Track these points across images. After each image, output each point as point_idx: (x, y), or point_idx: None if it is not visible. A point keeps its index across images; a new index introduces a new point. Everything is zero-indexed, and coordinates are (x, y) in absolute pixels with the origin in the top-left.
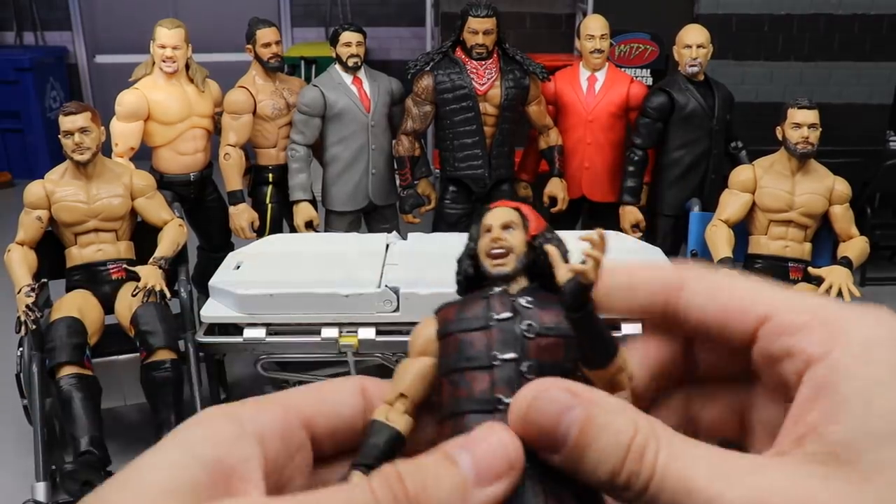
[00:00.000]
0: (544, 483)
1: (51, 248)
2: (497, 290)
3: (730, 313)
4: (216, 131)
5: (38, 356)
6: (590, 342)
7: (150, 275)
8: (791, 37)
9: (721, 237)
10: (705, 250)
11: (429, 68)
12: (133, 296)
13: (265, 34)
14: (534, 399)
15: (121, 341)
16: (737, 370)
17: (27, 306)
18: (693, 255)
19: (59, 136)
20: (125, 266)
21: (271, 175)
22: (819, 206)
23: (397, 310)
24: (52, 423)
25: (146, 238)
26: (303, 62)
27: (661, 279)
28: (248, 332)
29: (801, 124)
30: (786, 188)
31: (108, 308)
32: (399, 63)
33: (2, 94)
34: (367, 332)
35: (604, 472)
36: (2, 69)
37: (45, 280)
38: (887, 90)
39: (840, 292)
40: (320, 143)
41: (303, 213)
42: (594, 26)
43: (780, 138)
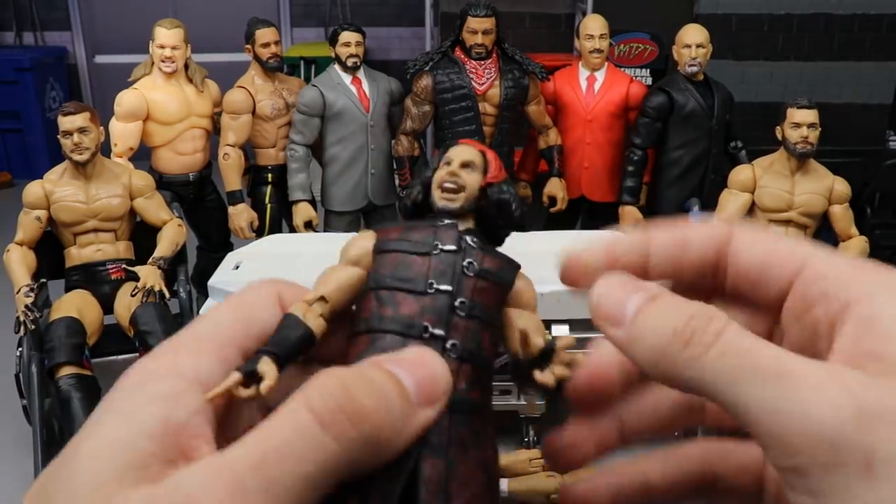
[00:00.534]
0: (451, 416)
1: (50, 248)
2: (447, 222)
3: (771, 260)
4: (215, 131)
5: (38, 356)
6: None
7: (150, 275)
8: (791, 36)
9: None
10: None
11: (428, 68)
12: (132, 296)
13: (264, 34)
14: (604, 283)
15: (120, 341)
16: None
17: (26, 306)
18: None
19: (58, 137)
20: (124, 266)
21: (270, 175)
22: (818, 206)
23: None
24: (52, 423)
25: (145, 238)
26: (302, 62)
27: (711, 232)
28: None
29: (801, 124)
30: (785, 188)
31: (108, 308)
32: (398, 63)
33: (2, 94)
34: None
35: (667, 326)
36: (2, 69)
37: (45, 280)
38: (887, 90)
39: None
40: (319, 143)
41: (302, 213)
42: (593, 26)
43: (779, 138)
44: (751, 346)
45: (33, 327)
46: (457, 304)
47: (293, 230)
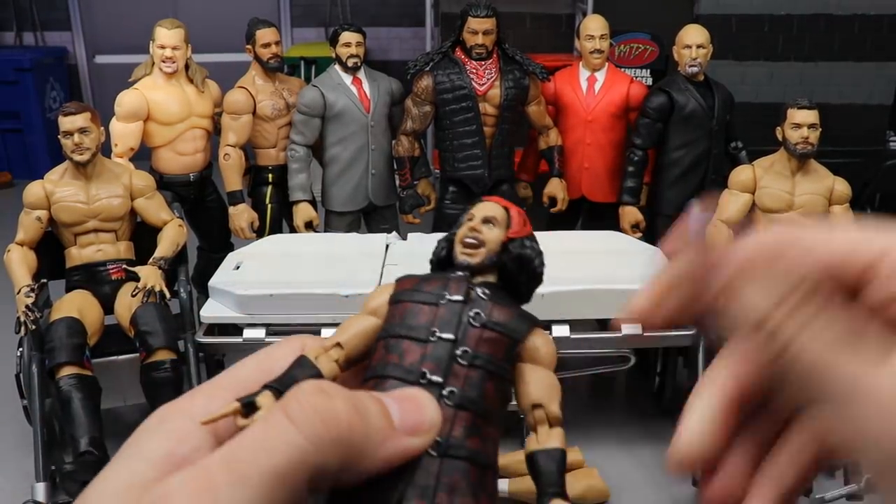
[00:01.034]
0: (443, 461)
1: (50, 249)
2: (459, 274)
3: (855, 248)
4: (216, 132)
5: (38, 356)
6: None
7: (150, 275)
8: (791, 37)
9: (721, 238)
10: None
11: (428, 68)
12: (133, 296)
13: (265, 34)
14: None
15: (120, 341)
16: None
17: (27, 307)
18: None
19: (58, 137)
20: (125, 266)
21: (271, 175)
22: (819, 207)
23: None
24: (52, 423)
25: (146, 238)
26: (302, 62)
27: (866, 251)
28: (248, 333)
29: (801, 124)
30: (786, 188)
31: (108, 308)
32: (399, 63)
33: (2, 94)
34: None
35: (770, 295)
36: (2, 69)
37: (45, 280)
38: (887, 90)
39: None
40: (320, 143)
41: (302, 213)
42: (594, 26)
43: (779, 139)
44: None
45: (34, 327)
46: (458, 352)
47: (294, 230)
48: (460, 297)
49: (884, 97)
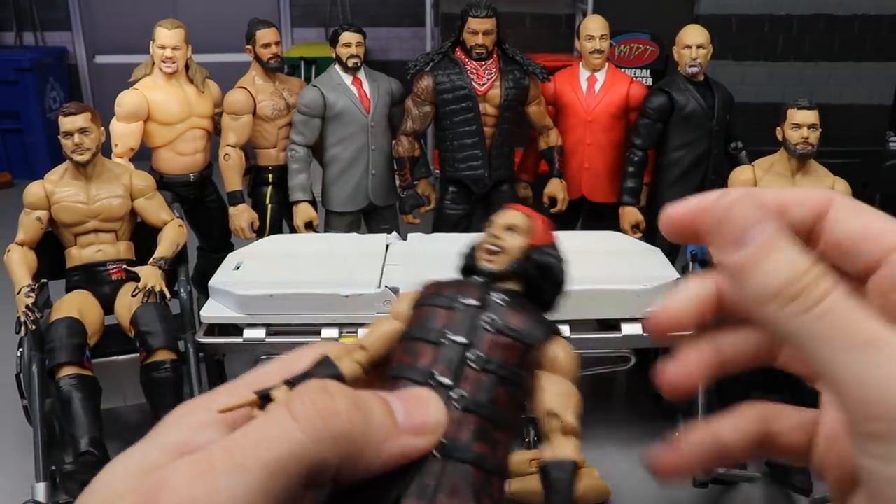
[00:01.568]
0: (446, 463)
1: (51, 249)
2: (478, 279)
3: (868, 235)
4: (216, 132)
5: (38, 357)
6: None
7: (150, 275)
8: (791, 37)
9: None
10: (705, 251)
11: (428, 69)
12: (133, 296)
13: (265, 34)
14: (735, 200)
15: (121, 342)
16: None
17: (27, 307)
18: (693, 256)
19: (58, 137)
20: (125, 266)
21: (271, 175)
22: None
23: None
24: (52, 423)
25: (146, 238)
26: (302, 63)
27: (813, 197)
28: (248, 333)
29: (801, 125)
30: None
31: (108, 308)
32: (399, 63)
33: (2, 94)
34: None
35: (781, 276)
36: (2, 69)
37: (45, 280)
38: (887, 90)
39: None
40: (320, 143)
41: (302, 213)
42: (594, 27)
43: (779, 139)
44: (850, 312)
45: (34, 328)
46: (470, 355)
47: (294, 230)
48: (475, 302)
49: (884, 97)
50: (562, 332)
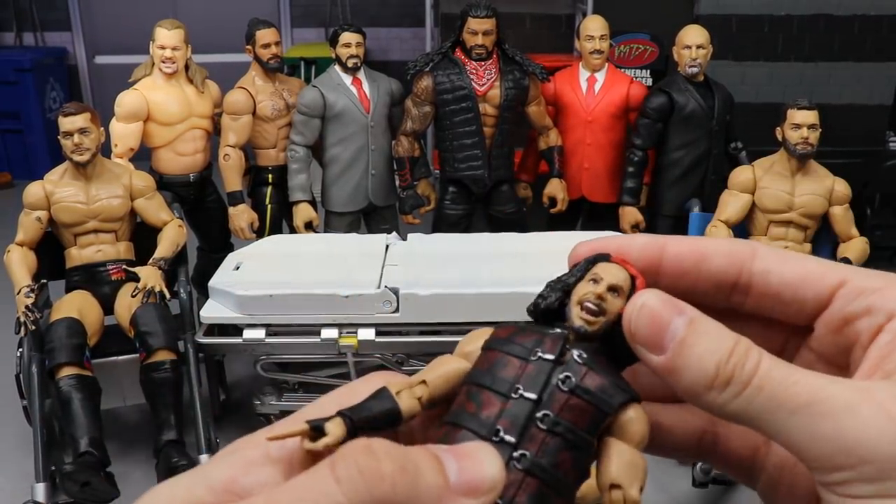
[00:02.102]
0: None
1: (50, 249)
2: (558, 331)
3: (806, 279)
4: (216, 132)
5: (38, 357)
6: None
7: (150, 275)
8: (791, 37)
9: (721, 237)
10: None
11: (428, 69)
12: (133, 296)
13: (265, 35)
14: (643, 305)
15: (120, 342)
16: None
17: (27, 307)
18: None
19: (58, 137)
20: (125, 267)
21: (271, 176)
22: (819, 207)
23: (397, 310)
24: (52, 423)
25: (146, 239)
26: (302, 63)
27: (734, 248)
28: (248, 333)
29: (801, 125)
30: (786, 189)
31: (108, 309)
32: (399, 64)
33: (2, 94)
34: (367, 333)
35: (710, 363)
36: (2, 70)
37: (45, 281)
38: (887, 90)
39: None
40: (320, 143)
41: (302, 213)
42: (594, 27)
43: (779, 139)
44: (783, 378)
45: (34, 328)
46: (539, 415)
47: (293, 231)
48: (553, 357)
49: (884, 97)
50: (639, 398)
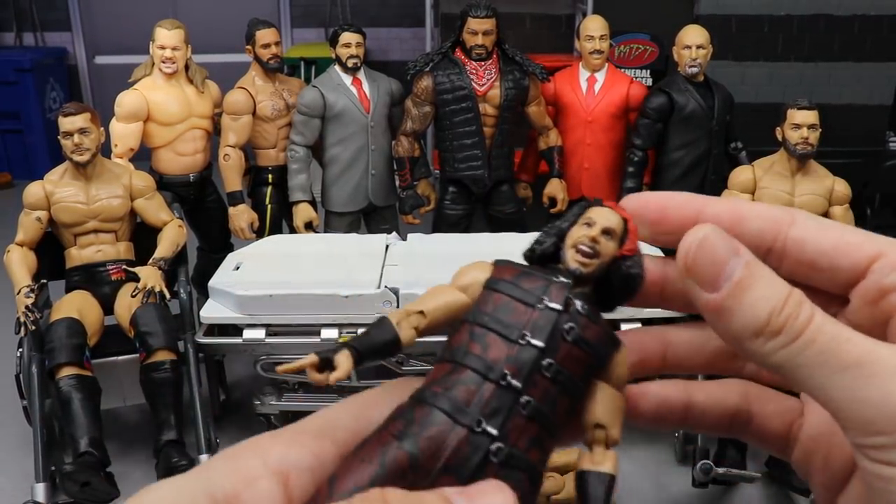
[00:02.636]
0: (500, 469)
1: (50, 249)
2: (562, 279)
3: (842, 248)
4: (216, 132)
5: (38, 357)
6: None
7: (150, 275)
8: (791, 37)
9: None
10: None
11: (428, 69)
12: (133, 296)
13: (265, 35)
14: (704, 238)
15: (120, 342)
16: None
17: (27, 307)
18: None
19: (58, 137)
20: (125, 267)
21: (271, 176)
22: (819, 207)
23: None
24: (52, 423)
25: (146, 239)
26: (302, 63)
27: (772, 213)
28: (248, 333)
29: (801, 125)
30: (785, 189)
31: (108, 309)
32: (399, 64)
33: (2, 94)
34: None
35: (763, 310)
36: (2, 70)
37: (45, 281)
38: (887, 90)
39: None
40: (320, 143)
41: (302, 213)
42: (594, 27)
43: (779, 139)
44: (835, 335)
45: (34, 328)
46: (544, 363)
47: (293, 231)
48: (559, 306)
49: (884, 97)
50: (622, 343)
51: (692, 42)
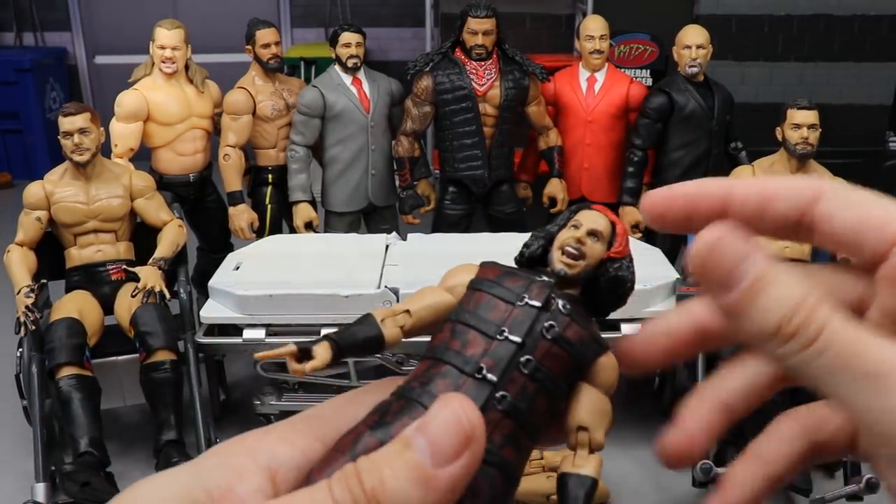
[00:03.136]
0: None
1: (50, 249)
2: (545, 279)
3: (865, 226)
4: (216, 132)
5: (38, 357)
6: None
7: (150, 275)
8: (791, 37)
9: None
10: None
11: (428, 69)
12: (133, 296)
13: (265, 35)
14: (716, 241)
15: (120, 342)
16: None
17: (27, 307)
18: None
19: (58, 137)
20: (125, 267)
21: (271, 176)
22: None
23: None
24: (52, 423)
25: (146, 239)
26: (302, 63)
27: (798, 188)
28: (248, 333)
29: (801, 125)
30: None
31: (108, 309)
32: (399, 64)
33: (2, 94)
34: None
35: (774, 316)
36: (2, 70)
37: (45, 281)
38: (887, 90)
39: None
40: (320, 143)
41: (302, 213)
42: (594, 27)
43: (779, 139)
44: (851, 342)
45: (34, 328)
46: (522, 359)
47: (293, 231)
48: (539, 304)
49: (884, 97)
50: (609, 348)
51: (692, 42)
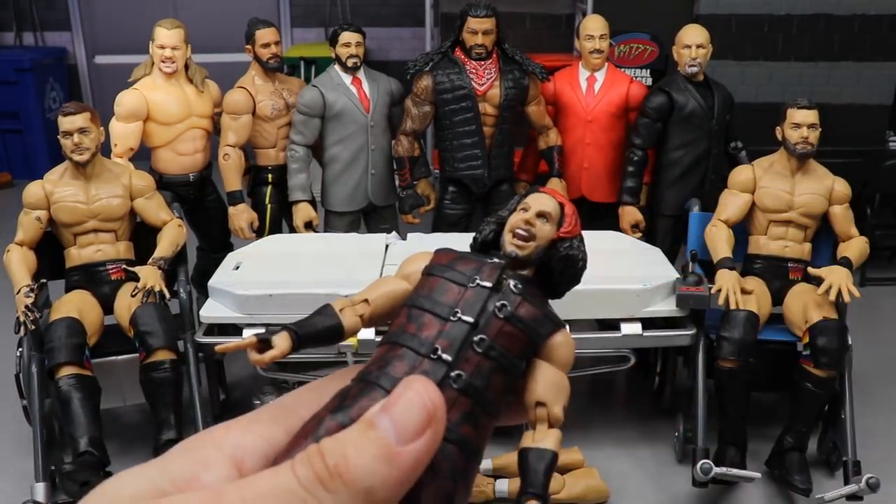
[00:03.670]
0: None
1: (50, 249)
2: (496, 260)
3: None
4: (215, 132)
5: (38, 357)
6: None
7: (150, 275)
8: (791, 37)
9: (720, 237)
10: (705, 250)
11: (428, 68)
12: (132, 296)
13: (264, 34)
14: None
15: (120, 342)
16: None
17: (26, 307)
18: (693, 256)
19: (58, 137)
20: (124, 266)
21: (270, 175)
22: (819, 207)
23: None
24: (52, 423)
25: (145, 238)
26: (302, 62)
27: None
28: (248, 333)
29: (801, 124)
30: (785, 188)
31: (108, 308)
32: (399, 63)
33: (2, 94)
34: (367, 333)
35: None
36: (2, 69)
37: (45, 280)
38: (887, 90)
39: (839, 293)
40: (320, 143)
41: (302, 213)
42: (594, 26)
43: (779, 138)
44: None
45: (33, 328)
46: (475, 339)
47: (293, 230)
48: (490, 284)
49: (884, 97)
50: (565, 326)
51: (692, 41)
